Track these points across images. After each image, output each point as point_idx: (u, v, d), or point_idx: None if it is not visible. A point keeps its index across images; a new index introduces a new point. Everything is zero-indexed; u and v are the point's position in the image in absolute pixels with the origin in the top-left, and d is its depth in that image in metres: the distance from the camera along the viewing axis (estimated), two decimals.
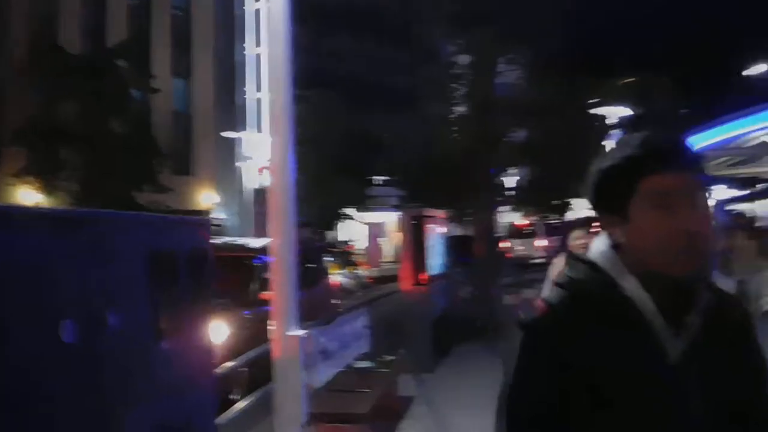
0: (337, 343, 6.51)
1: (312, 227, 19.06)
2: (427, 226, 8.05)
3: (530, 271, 19.09)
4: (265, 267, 8.28)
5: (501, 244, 16.06)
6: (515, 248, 23.18)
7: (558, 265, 4.72)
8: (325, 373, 5.75)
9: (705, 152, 15.01)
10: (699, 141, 14.50)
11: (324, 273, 9.97)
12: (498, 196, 13.93)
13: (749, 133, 13.01)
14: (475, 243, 11.32)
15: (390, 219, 30.89)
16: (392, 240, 31.30)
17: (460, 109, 12.12)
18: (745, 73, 30.17)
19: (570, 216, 20.72)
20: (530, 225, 25.30)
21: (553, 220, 24.68)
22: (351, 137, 18.60)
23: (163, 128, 19.60)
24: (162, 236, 4.03)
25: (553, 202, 19.81)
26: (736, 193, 43.60)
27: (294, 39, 4.01)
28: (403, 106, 12.71)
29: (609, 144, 18.45)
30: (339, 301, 10.47)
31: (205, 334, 4.24)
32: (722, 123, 12.94)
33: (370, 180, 25.22)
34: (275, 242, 3.93)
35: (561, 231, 24.07)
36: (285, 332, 3.83)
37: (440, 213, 9.01)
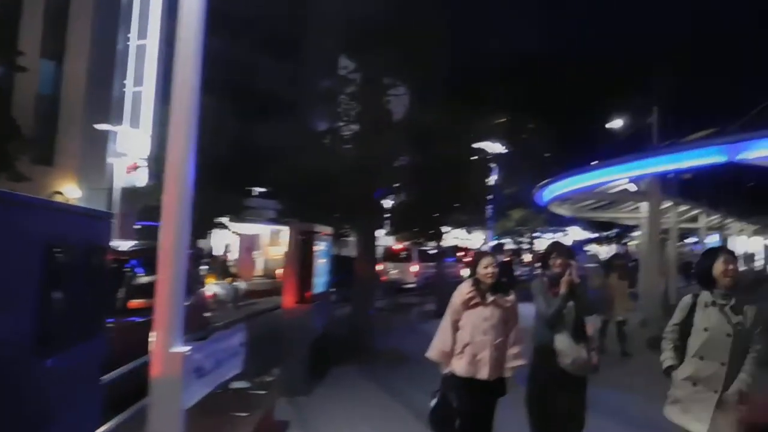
0: (212, 360, 6.08)
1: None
2: (315, 242, 7.84)
3: (403, 295, 19.39)
4: (135, 273, 7.67)
5: (376, 267, 16.09)
6: (389, 272, 23.42)
7: (464, 291, 4.52)
8: (197, 393, 5.34)
9: (571, 195, 16.06)
10: (566, 185, 15.50)
11: (198, 283, 9.41)
12: (379, 218, 13.96)
13: (612, 180, 14.07)
14: (356, 264, 11.22)
15: (265, 232, 30.13)
16: (266, 254, 30.53)
17: (349, 128, 12.04)
18: (608, 125, 33.06)
19: (444, 244, 21.21)
20: (405, 249, 25.65)
21: (427, 246, 25.25)
22: (232, 145, 17.93)
23: (25, 111, 17.80)
24: (61, 227, 3.53)
25: (430, 230, 20.16)
26: (590, 234, 46.83)
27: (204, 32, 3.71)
28: (289, 119, 12.40)
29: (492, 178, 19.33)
30: (211, 314, 9.90)
31: (96, 344, 3.80)
32: (588, 170, 13.91)
33: (249, 191, 24.48)
34: (165, 248, 3.55)
35: (433, 258, 24.79)
36: (168, 348, 3.46)
37: (327, 230, 8.81)
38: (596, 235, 47.61)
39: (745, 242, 41.70)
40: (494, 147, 21.62)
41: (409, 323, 14.98)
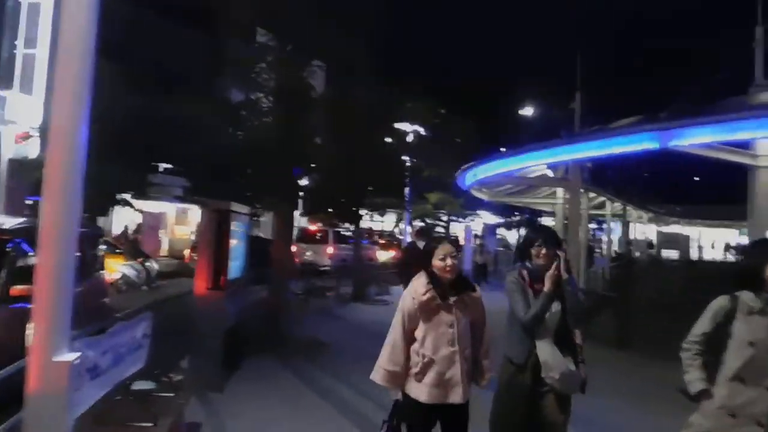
0: (110, 357, 5.32)
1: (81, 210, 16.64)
2: (231, 222, 7.11)
3: (319, 278, 18.82)
4: (20, 253, 6.69)
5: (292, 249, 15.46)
6: (304, 254, 22.81)
7: (419, 291, 3.54)
8: (90, 397, 4.59)
9: (497, 179, 16.01)
10: (490, 169, 15.40)
11: (96, 266, 8.42)
12: (296, 198, 13.31)
13: (538, 165, 14.06)
14: (273, 246, 10.53)
15: (171, 210, 28.62)
16: (172, 233, 29.02)
17: (267, 100, 11.26)
18: (526, 112, 33.84)
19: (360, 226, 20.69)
20: (320, 231, 25.11)
21: (342, 228, 24.78)
22: (135, 116, 16.57)
23: None
24: None
25: (346, 211, 19.67)
26: (499, 219, 48.09)
27: None
28: (201, 88, 11.45)
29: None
30: (111, 300, 8.91)
31: None
32: (516, 154, 13.81)
33: (155, 165, 23.04)
34: (47, 229, 2.82)
35: (348, 240, 24.34)
36: (51, 356, 2.75)
37: (244, 209, 8.09)
38: (503, 220, 48.65)
39: (643, 228, 44.17)
40: (413, 130, 21.39)
41: (327, 308, 14.47)
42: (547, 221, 46.63)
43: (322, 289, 16.41)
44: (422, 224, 28.54)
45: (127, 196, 18.80)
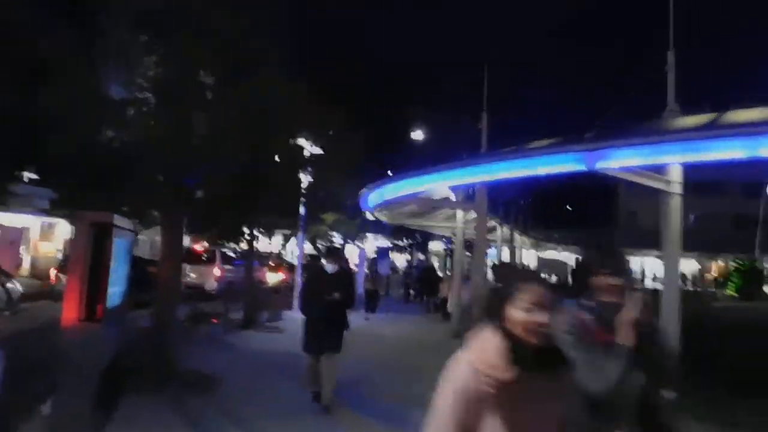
0: None
1: None
2: (112, 239, 5.90)
3: (205, 302, 17.38)
4: None
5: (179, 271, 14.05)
6: (188, 275, 21.19)
7: (488, 360, 2.00)
8: None
9: (398, 200, 15.49)
10: (394, 190, 14.88)
11: None
12: (185, 213, 12.01)
13: (438, 188, 13.70)
14: (161, 268, 9.24)
15: (34, 224, 25.86)
16: (35, 250, 26.18)
17: (152, 99, 10.01)
18: (413, 136, 33.97)
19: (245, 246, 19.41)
20: (206, 251, 23.53)
21: (229, 248, 23.25)
22: None
23: None
24: None
25: (237, 229, 18.39)
26: (389, 242, 47.80)
27: None
28: (75, 84, 9.95)
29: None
30: None
31: None
32: (417, 174, 13.36)
33: (15, 173, 20.52)
34: None
35: (237, 261, 22.86)
36: None
37: (127, 224, 6.88)
38: (392, 243, 48.53)
39: (525, 254, 45.75)
40: (311, 145, 20.56)
41: (216, 336, 13.15)
42: (436, 245, 47.07)
43: (210, 315, 15.04)
44: (332, 245, 27.60)
45: None
